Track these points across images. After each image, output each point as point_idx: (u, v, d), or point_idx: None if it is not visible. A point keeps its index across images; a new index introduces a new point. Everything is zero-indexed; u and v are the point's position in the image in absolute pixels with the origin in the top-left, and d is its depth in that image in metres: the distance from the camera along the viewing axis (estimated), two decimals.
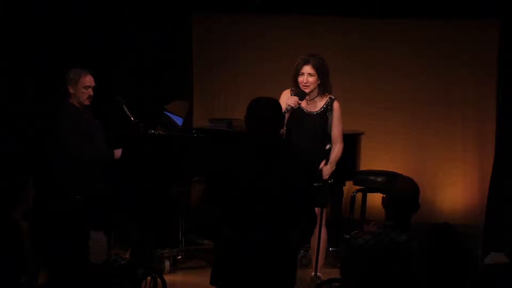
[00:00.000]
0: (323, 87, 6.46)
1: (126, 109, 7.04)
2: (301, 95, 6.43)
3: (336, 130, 6.48)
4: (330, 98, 6.50)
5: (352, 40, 8.37)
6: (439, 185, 8.41)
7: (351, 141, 7.15)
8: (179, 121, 7.36)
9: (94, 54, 7.92)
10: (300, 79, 6.45)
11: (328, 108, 6.50)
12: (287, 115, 6.31)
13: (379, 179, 7.26)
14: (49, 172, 6.81)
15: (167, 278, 5.15)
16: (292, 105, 6.32)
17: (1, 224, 4.11)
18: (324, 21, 8.47)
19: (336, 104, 6.49)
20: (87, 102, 6.89)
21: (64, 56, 7.88)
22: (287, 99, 6.36)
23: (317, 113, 6.52)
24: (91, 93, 6.88)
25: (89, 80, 6.90)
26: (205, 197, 4.42)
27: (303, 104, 6.47)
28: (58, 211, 3.39)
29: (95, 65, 7.18)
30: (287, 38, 8.50)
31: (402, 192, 4.39)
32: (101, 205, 6.61)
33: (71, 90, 6.87)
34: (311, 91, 6.47)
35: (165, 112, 7.30)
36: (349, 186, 7.34)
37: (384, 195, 4.41)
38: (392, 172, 7.24)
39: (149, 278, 4.37)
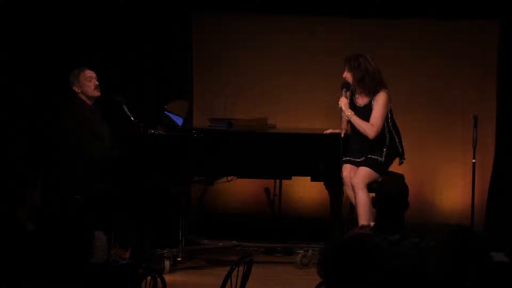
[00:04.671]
0: (364, 84, 7.02)
1: (126, 109, 7.05)
2: (345, 85, 7.07)
3: (372, 115, 6.98)
4: (377, 91, 7.02)
5: (352, 40, 8.37)
6: (439, 185, 8.40)
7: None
8: (179, 121, 7.36)
9: (94, 54, 7.92)
10: (343, 74, 7.10)
11: (372, 102, 7.03)
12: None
13: (379, 179, 7.25)
14: (50, 172, 6.82)
15: (167, 278, 5.14)
16: (340, 104, 7.03)
17: (5, 223, 4.12)
18: (324, 21, 8.47)
19: (378, 94, 7.01)
20: (96, 93, 6.94)
21: (64, 56, 7.90)
22: None
23: (363, 105, 7.07)
24: (96, 82, 6.93)
25: (88, 72, 6.94)
26: None
27: (356, 97, 7.11)
28: (64, 211, 3.40)
29: (95, 65, 7.19)
30: (287, 38, 8.50)
31: (389, 192, 4.39)
32: (101, 205, 6.61)
33: (77, 89, 6.91)
34: (353, 85, 7.05)
35: (165, 112, 7.30)
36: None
37: (374, 196, 4.42)
38: (392, 172, 7.23)
39: (149, 278, 4.37)
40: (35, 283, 3.59)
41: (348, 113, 7.01)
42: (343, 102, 7.04)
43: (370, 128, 7.00)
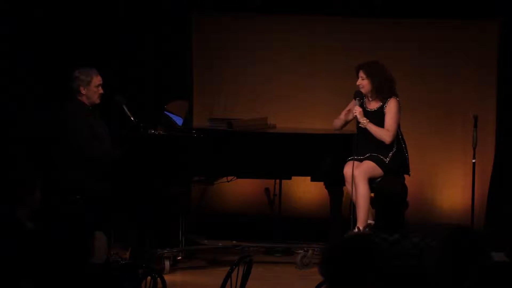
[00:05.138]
0: (380, 90, 7.14)
1: (126, 109, 7.05)
2: (358, 94, 7.15)
3: (386, 120, 7.10)
4: (389, 97, 7.15)
5: (352, 40, 8.37)
6: (439, 185, 8.40)
7: (351, 141, 7.17)
8: (179, 121, 7.36)
9: (94, 55, 7.92)
10: (357, 82, 7.17)
11: (384, 107, 7.13)
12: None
13: (381, 176, 7.26)
14: (50, 172, 6.82)
15: (167, 278, 5.15)
16: (354, 112, 7.11)
17: (5, 224, 4.12)
18: (324, 21, 8.47)
19: (390, 100, 7.14)
20: (98, 101, 6.95)
21: (64, 55, 7.90)
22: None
23: (375, 110, 7.17)
24: (102, 91, 6.94)
25: (99, 79, 6.95)
26: None
27: (367, 102, 7.20)
28: (65, 211, 3.40)
29: (94, 66, 7.19)
30: (287, 38, 8.50)
31: (387, 192, 4.39)
32: (101, 205, 6.61)
33: (83, 91, 6.90)
34: (367, 92, 7.14)
35: (165, 112, 7.31)
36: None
37: (373, 195, 4.42)
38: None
39: (149, 278, 4.37)
40: (35, 283, 3.59)
41: (363, 121, 7.07)
42: (358, 110, 7.09)
43: (386, 133, 7.07)
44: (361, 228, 6.85)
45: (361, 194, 6.92)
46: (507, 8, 8.02)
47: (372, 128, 7.07)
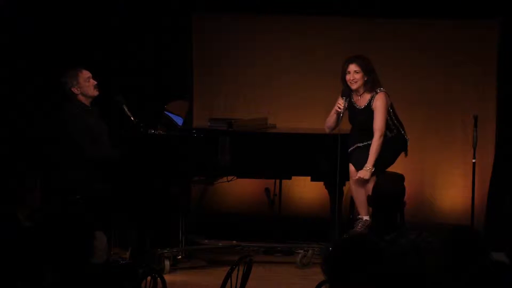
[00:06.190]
0: (370, 84, 6.99)
1: (126, 109, 7.05)
2: (346, 93, 7.01)
3: (375, 121, 6.98)
4: (375, 92, 7.01)
5: (352, 40, 8.37)
6: (439, 185, 8.40)
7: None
8: (179, 121, 7.37)
9: (94, 54, 7.93)
10: (347, 77, 7.00)
11: (371, 102, 7.01)
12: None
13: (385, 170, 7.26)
14: (50, 172, 6.83)
15: (167, 278, 5.15)
16: (337, 109, 7.02)
17: (3, 223, 4.12)
18: (324, 21, 8.47)
19: (377, 96, 6.99)
20: (96, 92, 6.93)
21: (64, 56, 7.90)
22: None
23: (364, 107, 7.04)
24: (95, 82, 6.92)
25: (86, 72, 6.94)
26: None
27: (355, 100, 7.06)
28: (66, 211, 3.40)
29: (95, 65, 7.19)
30: (287, 38, 8.50)
31: (383, 191, 4.39)
32: (101, 205, 6.62)
33: (76, 91, 6.90)
34: (359, 87, 7.00)
35: (165, 112, 7.31)
36: (349, 186, 7.33)
37: (369, 195, 4.43)
38: (391, 172, 7.23)
39: (149, 278, 4.37)
40: (31, 283, 3.59)
41: (367, 171, 6.91)
42: (340, 102, 7.03)
43: (377, 138, 6.96)
44: (366, 218, 6.90)
45: (369, 191, 6.95)
46: (507, 8, 8.02)
47: (373, 158, 6.91)
